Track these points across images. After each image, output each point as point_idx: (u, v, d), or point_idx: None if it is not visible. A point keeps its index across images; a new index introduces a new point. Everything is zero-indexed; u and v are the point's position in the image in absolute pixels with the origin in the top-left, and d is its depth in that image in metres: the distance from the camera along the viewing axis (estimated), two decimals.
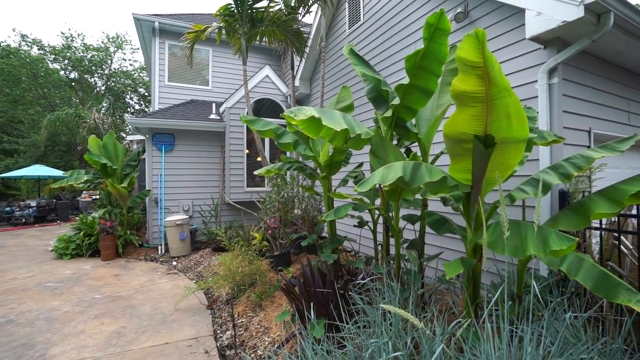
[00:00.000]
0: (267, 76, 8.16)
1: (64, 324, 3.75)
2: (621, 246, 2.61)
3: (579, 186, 2.77)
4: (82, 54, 22.42)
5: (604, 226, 2.65)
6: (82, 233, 7.08)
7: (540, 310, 2.04)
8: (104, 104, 18.76)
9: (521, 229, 1.75)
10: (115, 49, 24.21)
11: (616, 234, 2.60)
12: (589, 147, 3.31)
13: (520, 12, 3.19)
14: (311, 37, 7.27)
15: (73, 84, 22.43)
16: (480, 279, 2.29)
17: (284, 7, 6.54)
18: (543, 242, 1.56)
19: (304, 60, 7.49)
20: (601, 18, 2.70)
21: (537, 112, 2.96)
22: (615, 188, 1.82)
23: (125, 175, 8.01)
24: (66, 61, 21.86)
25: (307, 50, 7.19)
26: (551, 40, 2.98)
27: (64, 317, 3.95)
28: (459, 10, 3.89)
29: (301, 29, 6.94)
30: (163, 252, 7.23)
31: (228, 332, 3.47)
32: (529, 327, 1.53)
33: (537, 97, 3.07)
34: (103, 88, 23.96)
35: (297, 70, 7.79)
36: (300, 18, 6.73)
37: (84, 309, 4.18)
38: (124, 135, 20.04)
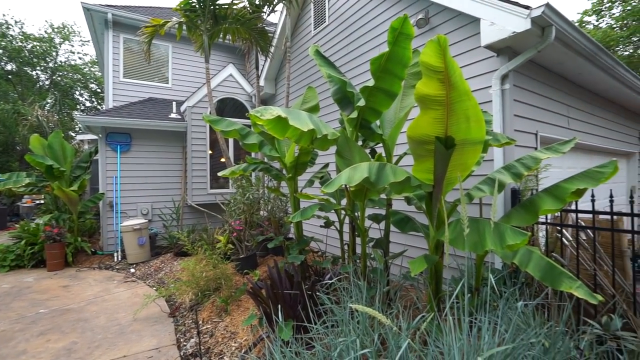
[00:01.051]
0: (230, 75, 7.96)
1: (1, 345, 3.37)
2: (563, 239, 2.87)
3: (528, 184, 3.00)
4: (20, 43, 20.36)
5: (549, 221, 2.89)
6: (23, 242, 6.42)
7: (496, 301, 2.18)
8: (49, 100, 17.19)
9: (479, 226, 1.86)
10: (62, 40, 22.31)
11: (559, 228, 2.85)
12: (536, 148, 3.60)
13: (476, 21, 3.40)
14: (276, 36, 7.20)
15: (10, 76, 20.31)
16: (442, 274, 2.40)
17: (248, 5, 6.41)
18: (500, 238, 1.67)
19: (269, 60, 7.40)
20: (545, 31, 2.95)
21: (492, 116, 3.17)
22: (559, 186, 2.00)
23: (76, 178, 7.39)
24: (1, 51, 19.73)
25: (272, 49, 7.11)
26: (503, 48, 3.21)
27: (1, 337, 3.56)
28: (420, 16, 4.05)
29: (266, 28, 6.85)
30: (120, 259, 6.77)
31: (192, 340, 3.33)
32: (486, 317, 1.63)
33: (491, 101, 3.28)
34: (47, 82, 21.96)
35: (262, 70, 7.68)
36: (265, 17, 6.64)
37: (25, 326, 3.80)
38: (73, 134, 18.52)
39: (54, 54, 21.86)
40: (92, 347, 3.28)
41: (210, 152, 7.78)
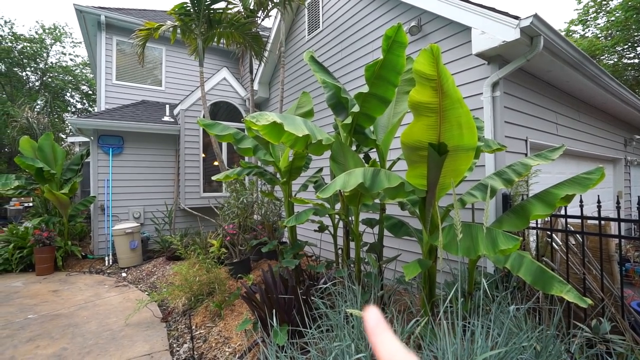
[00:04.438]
0: (224, 79, 7.96)
1: None
2: (553, 243, 2.93)
3: (519, 190, 3.06)
4: (10, 44, 20.03)
5: (539, 226, 2.95)
6: (11, 246, 6.29)
7: (488, 305, 2.22)
8: (39, 102, 16.93)
9: (472, 231, 1.89)
10: (53, 41, 22.02)
11: (549, 232, 2.91)
12: (526, 154, 3.68)
13: (467, 29, 3.47)
14: (270, 41, 7.24)
15: None
16: (435, 278, 2.43)
17: (242, 10, 6.44)
18: (492, 243, 1.70)
19: (263, 64, 7.42)
20: (534, 40, 3.03)
21: (484, 122, 3.23)
22: (549, 192, 2.05)
23: (66, 181, 7.29)
24: None
25: (266, 54, 7.14)
26: (494, 57, 3.28)
27: None
28: (412, 24, 4.12)
29: (260, 32, 6.88)
30: (111, 263, 6.68)
31: (185, 345, 3.30)
32: (479, 321, 1.66)
33: (482, 108, 3.35)
34: (38, 84, 21.63)
35: (255, 74, 7.69)
36: (259, 22, 6.67)
37: (13, 332, 3.72)
38: (64, 136, 18.24)
39: (44, 55, 21.56)
40: (83, 352, 3.23)
41: (203, 155, 7.75)
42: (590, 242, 3.02)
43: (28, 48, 20.57)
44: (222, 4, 6.09)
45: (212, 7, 5.98)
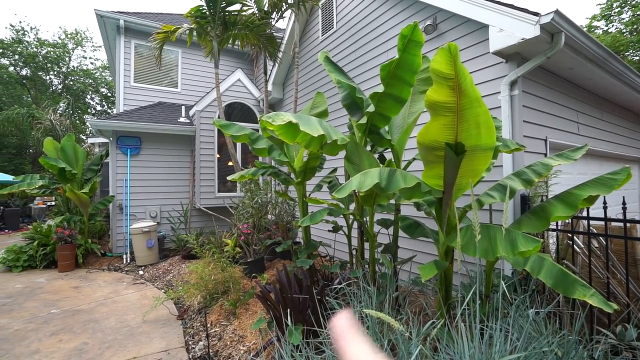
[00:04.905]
0: (239, 80, 8.05)
1: (15, 344, 3.44)
2: (574, 246, 2.84)
3: (538, 191, 2.98)
4: (35, 49, 20.85)
5: (559, 228, 2.87)
6: (35, 243, 6.54)
7: (507, 308, 2.17)
8: (62, 104, 17.55)
9: (490, 232, 1.86)
10: (75, 45, 22.82)
11: (570, 235, 2.83)
12: (545, 154, 3.58)
13: (484, 27, 3.41)
14: (284, 42, 7.28)
15: (25, 81, 20.79)
16: (452, 280, 2.39)
17: (257, 11, 6.50)
18: (511, 244, 1.67)
19: (277, 65, 7.47)
20: (554, 37, 2.94)
21: (501, 122, 3.16)
22: (570, 193, 1.99)
23: (87, 181, 7.53)
24: (16, 56, 20.22)
25: (280, 55, 7.19)
26: (512, 55, 3.21)
27: (15, 335, 3.63)
28: (428, 22, 4.07)
29: (274, 34, 6.93)
30: (128, 261, 6.85)
31: (201, 343, 3.36)
32: (497, 324, 1.63)
33: (500, 107, 3.28)
34: (60, 87, 22.43)
35: (270, 75, 7.75)
36: (273, 23, 6.72)
37: (38, 326, 3.86)
38: (84, 137, 18.84)
39: (67, 59, 22.37)
40: (103, 347, 3.33)
41: (218, 155, 7.86)
42: (614, 245, 2.91)
43: (52, 53, 21.39)
44: (237, 6, 6.17)
45: (227, 9, 6.06)
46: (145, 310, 4.18)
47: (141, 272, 6.15)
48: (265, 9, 6.48)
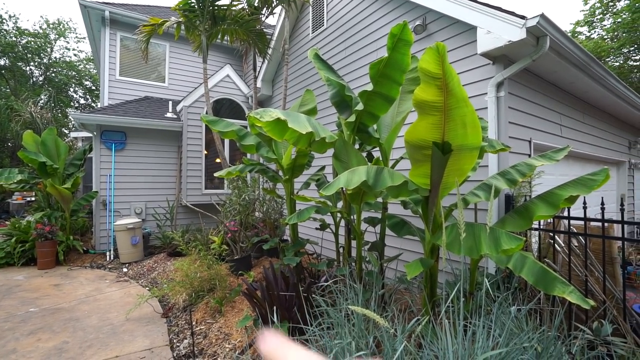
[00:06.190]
0: (227, 76, 7.96)
1: None
2: (555, 245, 2.92)
3: (522, 191, 3.05)
4: (14, 38, 20.06)
5: (541, 227, 2.94)
6: (13, 239, 6.32)
7: (490, 305, 2.21)
8: (43, 97, 16.97)
9: (475, 231, 1.89)
10: (57, 36, 22.05)
11: (551, 234, 2.90)
12: (529, 155, 3.66)
13: (472, 29, 3.45)
14: (274, 38, 7.23)
15: (3, 71, 19.99)
16: (437, 278, 2.42)
17: (247, 7, 6.42)
18: (495, 242, 1.70)
19: (266, 62, 7.41)
20: (540, 40, 3.01)
21: (488, 122, 3.21)
22: (552, 193, 2.04)
23: (69, 176, 7.31)
24: None
25: (270, 51, 7.13)
26: (499, 57, 3.26)
27: None
28: (417, 22, 4.10)
29: (264, 30, 6.87)
30: (112, 258, 6.70)
31: (186, 341, 3.31)
32: (480, 321, 1.66)
33: (487, 108, 3.33)
34: (41, 79, 21.68)
35: (259, 71, 7.69)
36: (263, 19, 6.66)
37: (15, 325, 3.74)
38: (67, 131, 18.29)
39: (48, 50, 21.58)
40: (84, 346, 3.24)
41: (205, 152, 7.76)
42: (592, 244, 3.01)
43: (32, 43, 20.59)
44: (226, 1, 6.09)
45: (216, 3, 5.97)
46: (128, 308, 4.09)
47: (125, 270, 6.03)
48: (256, 4, 6.41)
